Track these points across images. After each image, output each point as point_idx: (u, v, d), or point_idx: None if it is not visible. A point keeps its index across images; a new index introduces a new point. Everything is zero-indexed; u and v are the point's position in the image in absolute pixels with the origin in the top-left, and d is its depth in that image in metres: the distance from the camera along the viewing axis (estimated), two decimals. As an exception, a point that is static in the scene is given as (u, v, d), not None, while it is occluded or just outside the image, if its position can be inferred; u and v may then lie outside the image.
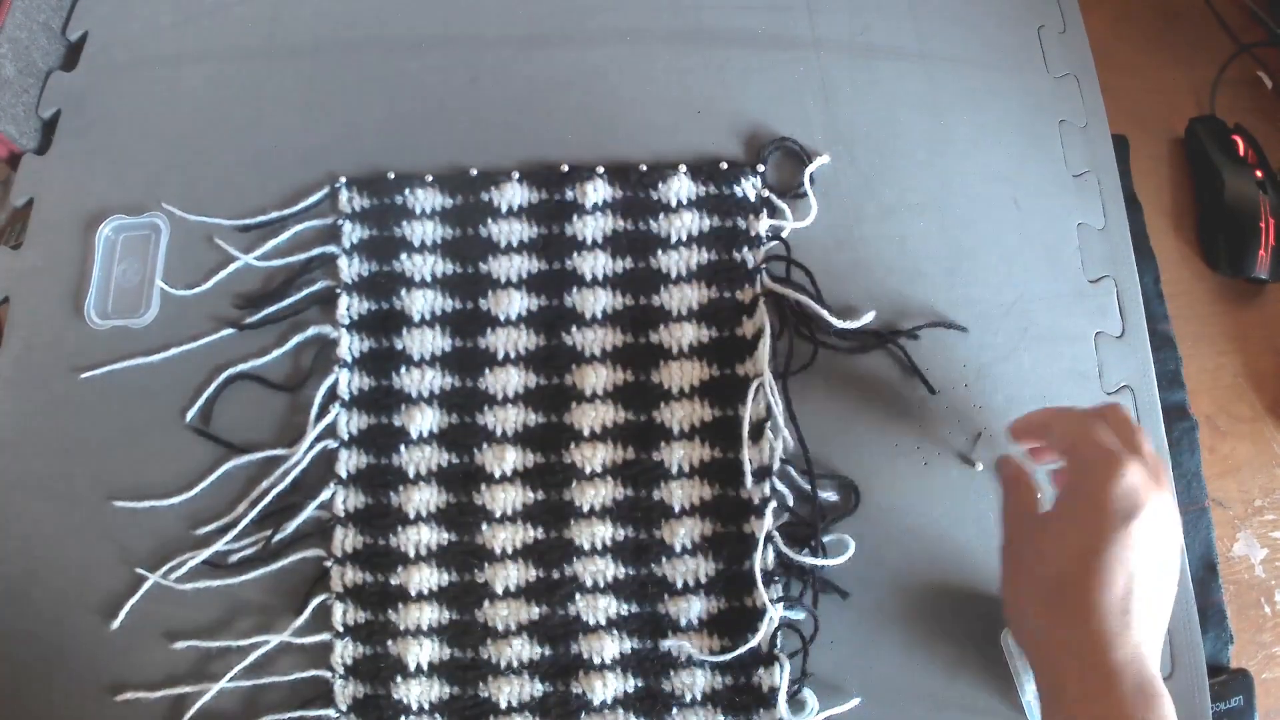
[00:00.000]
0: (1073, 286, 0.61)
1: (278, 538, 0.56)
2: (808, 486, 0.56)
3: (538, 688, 0.54)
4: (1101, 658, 0.44)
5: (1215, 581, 0.59)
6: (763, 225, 0.61)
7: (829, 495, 0.57)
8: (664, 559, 0.55)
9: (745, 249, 0.60)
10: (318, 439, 0.57)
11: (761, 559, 0.54)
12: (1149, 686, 0.43)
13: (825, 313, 0.58)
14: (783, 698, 0.52)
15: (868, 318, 0.59)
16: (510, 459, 0.56)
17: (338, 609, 0.55)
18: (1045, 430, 0.51)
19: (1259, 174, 0.68)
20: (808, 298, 0.58)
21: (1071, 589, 0.45)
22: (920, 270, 0.61)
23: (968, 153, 0.64)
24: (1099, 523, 0.45)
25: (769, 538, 0.55)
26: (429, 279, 0.60)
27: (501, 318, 0.59)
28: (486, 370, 0.58)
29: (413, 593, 0.55)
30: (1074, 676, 0.44)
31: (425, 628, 0.54)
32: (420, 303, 0.59)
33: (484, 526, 0.56)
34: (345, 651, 0.54)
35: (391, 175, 0.62)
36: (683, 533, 0.55)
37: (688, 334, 0.58)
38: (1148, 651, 0.44)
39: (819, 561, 0.54)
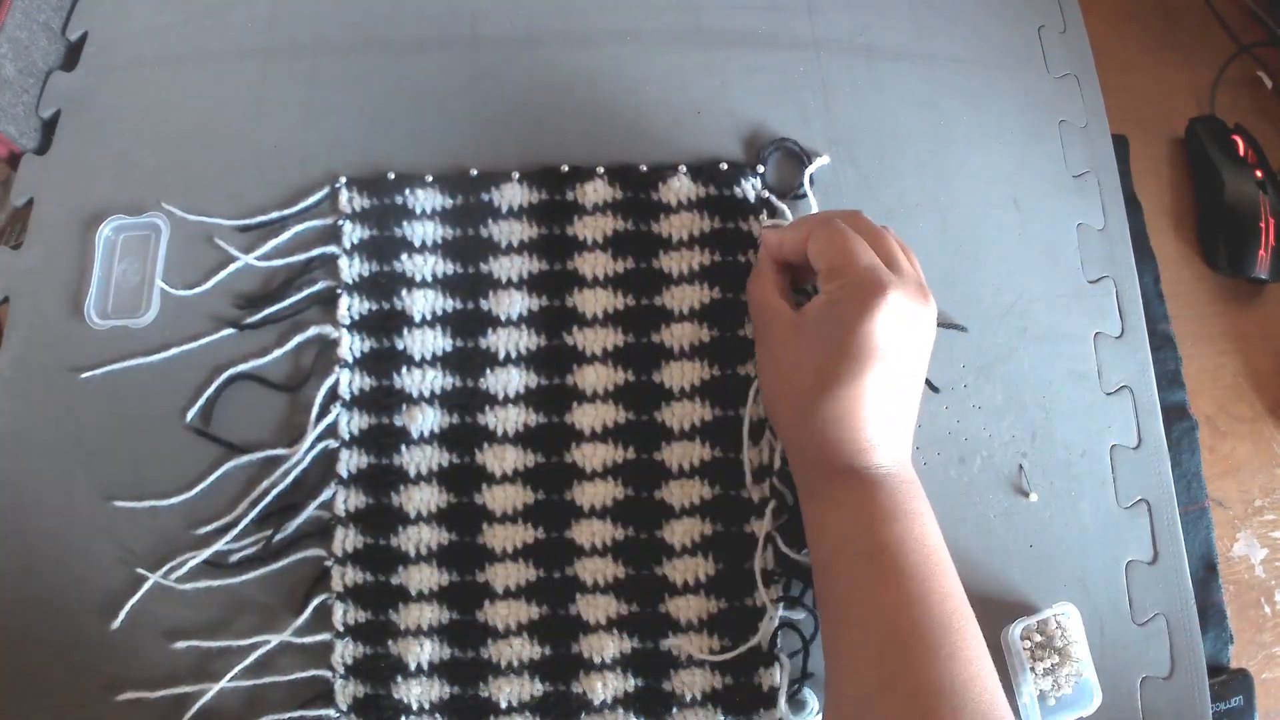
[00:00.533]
0: (1072, 286, 0.61)
1: (278, 537, 0.55)
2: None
3: (538, 687, 0.54)
4: (846, 459, 0.48)
5: (1215, 581, 0.59)
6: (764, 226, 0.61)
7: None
8: (664, 559, 0.55)
9: (749, 250, 0.60)
10: (318, 439, 0.57)
11: (762, 559, 0.54)
12: (895, 478, 0.48)
13: None
14: (783, 697, 0.53)
15: None
16: (511, 459, 0.56)
17: (338, 609, 0.55)
18: (802, 243, 0.53)
19: (1259, 174, 0.68)
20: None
21: (815, 396, 0.48)
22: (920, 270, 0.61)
23: (968, 153, 0.64)
24: (850, 352, 0.48)
25: (769, 538, 0.55)
26: (430, 279, 0.60)
27: (502, 318, 0.59)
28: (487, 370, 0.58)
29: (413, 592, 0.55)
30: (820, 477, 0.49)
31: (426, 627, 0.54)
32: (421, 303, 0.59)
33: (485, 526, 0.56)
34: (345, 651, 0.54)
35: (392, 175, 0.62)
36: (683, 533, 0.55)
37: (689, 334, 0.58)
38: (893, 448, 0.49)
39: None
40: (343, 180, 0.62)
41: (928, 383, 0.58)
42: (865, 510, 0.47)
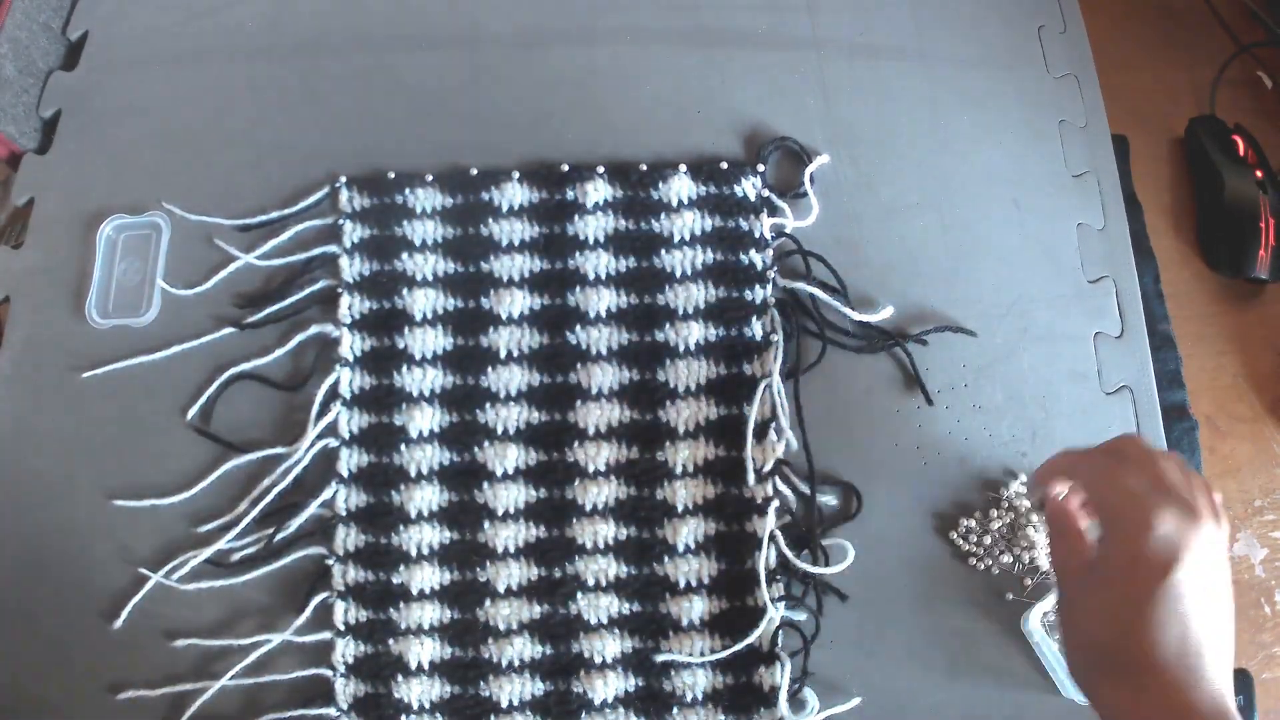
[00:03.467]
0: (1072, 287, 0.61)
1: (279, 536, 0.56)
2: (809, 491, 0.56)
3: (538, 686, 0.54)
4: (1166, 714, 0.41)
5: (1215, 581, 0.59)
6: (765, 225, 0.61)
7: (830, 499, 0.57)
8: (666, 558, 0.55)
9: (751, 250, 0.60)
10: (319, 438, 0.57)
11: (764, 559, 0.54)
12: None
13: (847, 309, 0.59)
14: (783, 697, 0.53)
15: (886, 312, 0.59)
16: (513, 457, 0.56)
17: (339, 608, 0.55)
18: (1069, 475, 0.49)
19: (1259, 174, 0.68)
20: (826, 291, 0.59)
21: (1123, 653, 0.42)
22: (920, 270, 0.61)
23: (968, 153, 0.64)
24: (1139, 579, 0.42)
25: (771, 537, 0.55)
26: (430, 278, 0.60)
27: (504, 316, 0.59)
28: (489, 369, 0.58)
29: (414, 591, 0.55)
30: None
31: (427, 626, 0.54)
32: (422, 302, 0.59)
33: (486, 525, 0.56)
34: (346, 650, 0.54)
35: (392, 175, 0.62)
36: (685, 532, 0.55)
37: (694, 333, 0.58)
38: (1219, 688, 0.42)
39: (818, 570, 0.54)
40: (343, 179, 0.62)
41: (926, 394, 0.58)
42: None
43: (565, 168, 0.62)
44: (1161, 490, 0.44)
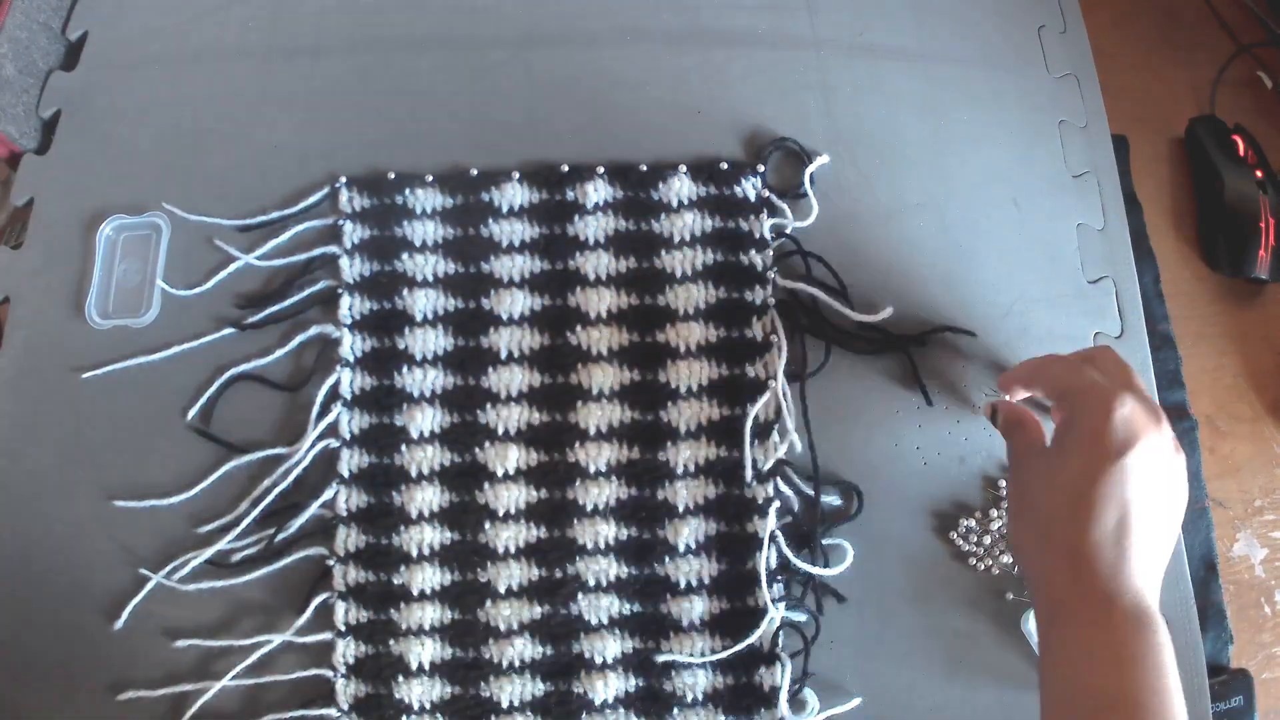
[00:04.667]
0: (1072, 287, 0.61)
1: (280, 537, 0.56)
2: (811, 491, 0.56)
3: (539, 687, 0.54)
4: (1096, 587, 0.43)
5: (1215, 581, 0.59)
6: (766, 226, 0.61)
7: (832, 499, 0.57)
8: (667, 559, 0.55)
9: (752, 251, 0.60)
10: (319, 438, 0.57)
11: (764, 559, 0.54)
12: (1145, 616, 0.43)
13: (848, 309, 0.59)
14: (784, 697, 0.53)
15: (886, 313, 0.59)
16: (513, 458, 0.56)
17: (340, 608, 0.55)
18: (1036, 378, 0.51)
19: (1259, 174, 0.68)
20: (826, 292, 0.59)
21: (1065, 522, 0.45)
22: (920, 270, 0.61)
23: (968, 153, 0.64)
24: (1094, 456, 0.45)
25: (772, 537, 0.55)
26: (430, 279, 0.60)
27: (504, 317, 0.59)
28: (490, 369, 0.58)
29: (415, 592, 0.55)
30: (1068, 604, 0.44)
31: (427, 627, 0.54)
32: (422, 302, 0.59)
33: (487, 525, 0.56)
34: (347, 650, 0.54)
35: (392, 175, 0.62)
36: (686, 532, 0.55)
37: (695, 333, 0.58)
38: (1143, 584, 0.44)
39: (818, 571, 0.54)
40: (343, 180, 0.62)
41: (926, 395, 0.58)
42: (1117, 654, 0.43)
43: (565, 168, 0.62)
44: (1126, 384, 0.47)
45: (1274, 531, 0.62)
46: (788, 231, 0.61)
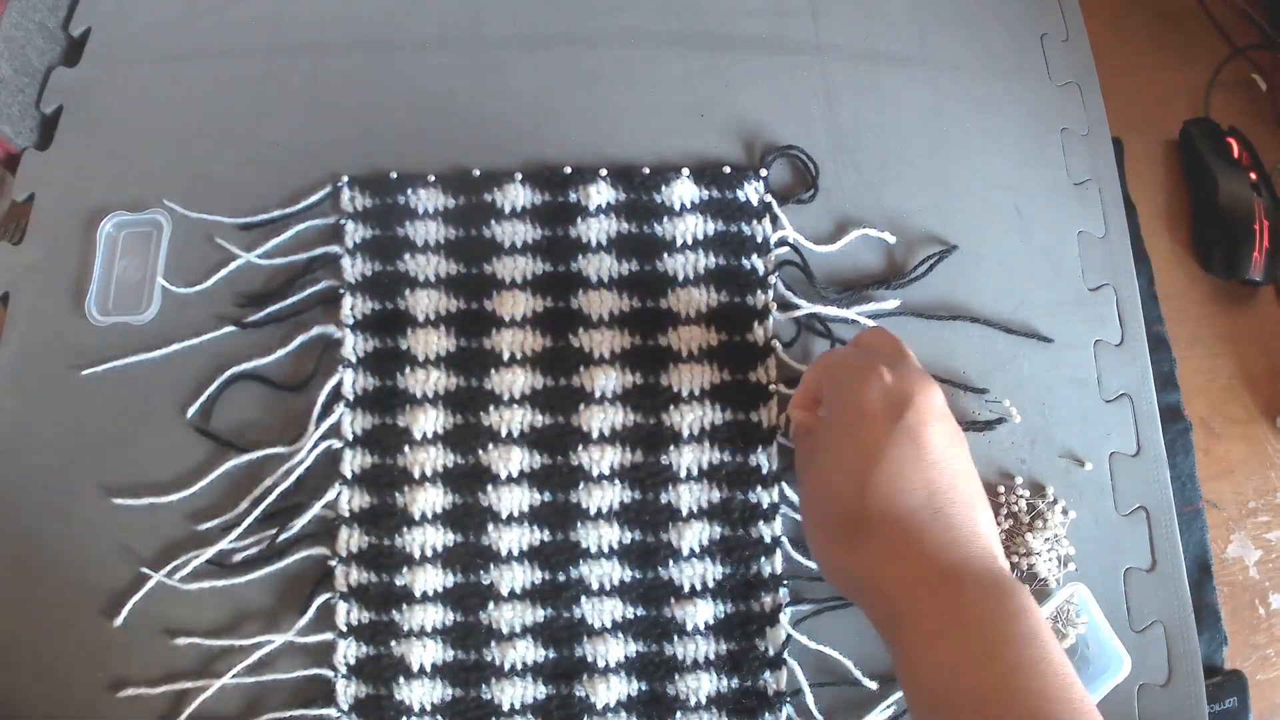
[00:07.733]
0: (1073, 294, 0.62)
1: (282, 537, 0.55)
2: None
3: (541, 690, 0.54)
4: (937, 563, 0.39)
5: (1210, 583, 0.60)
6: (768, 230, 0.61)
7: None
8: (671, 562, 0.55)
9: (753, 255, 0.60)
10: (321, 439, 0.57)
11: (770, 563, 0.55)
12: (996, 578, 0.38)
13: (848, 314, 0.59)
14: (788, 702, 0.53)
15: (891, 304, 0.59)
16: (517, 460, 0.56)
17: (341, 609, 0.55)
18: (813, 379, 0.49)
19: (1253, 176, 0.68)
20: (825, 305, 0.59)
21: (867, 505, 0.41)
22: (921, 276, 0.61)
23: (969, 160, 0.64)
24: (874, 426, 0.42)
25: (777, 541, 0.55)
26: (433, 279, 0.60)
27: (507, 318, 0.59)
28: (492, 371, 0.58)
29: (417, 593, 0.55)
30: (909, 594, 0.39)
31: (429, 629, 0.54)
32: (424, 303, 0.59)
33: (489, 528, 0.56)
34: (348, 651, 0.54)
35: (394, 175, 0.62)
36: (690, 536, 0.55)
37: (697, 337, 0.58)
38: (986, 542, 0.40)
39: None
40: (345, 179, 0.62)
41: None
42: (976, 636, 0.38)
43: (568, 170, 0.62)
44: (892, 356, 0.45)
45: (1268, 533, 0.63)
46: (790, 241, 0.61)
